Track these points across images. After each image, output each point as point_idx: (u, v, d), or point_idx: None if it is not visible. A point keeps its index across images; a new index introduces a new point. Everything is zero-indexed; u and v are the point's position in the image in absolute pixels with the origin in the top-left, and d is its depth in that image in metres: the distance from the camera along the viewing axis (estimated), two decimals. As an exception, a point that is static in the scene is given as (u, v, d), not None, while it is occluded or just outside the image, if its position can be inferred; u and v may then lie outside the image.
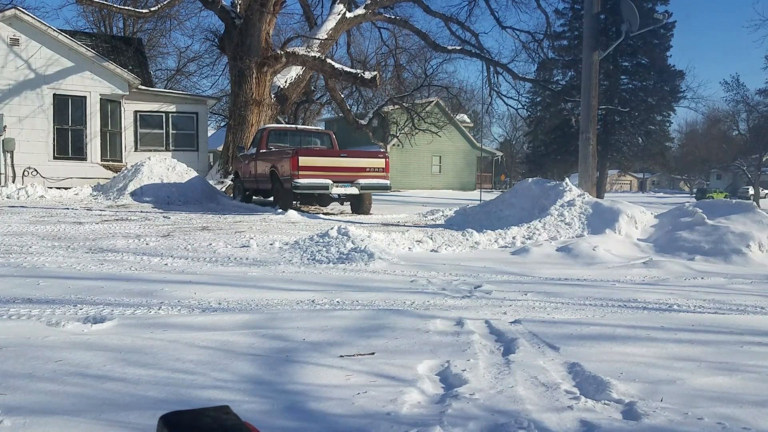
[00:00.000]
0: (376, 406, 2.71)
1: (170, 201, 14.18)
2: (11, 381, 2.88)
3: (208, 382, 2.97)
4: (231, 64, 18.91)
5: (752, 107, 43.30)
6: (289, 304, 4.77)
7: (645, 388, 3.04)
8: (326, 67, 18.90)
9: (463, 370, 3.20)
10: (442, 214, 13.42)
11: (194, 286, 5.35)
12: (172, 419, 0.78)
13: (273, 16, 18.55)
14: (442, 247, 8.35)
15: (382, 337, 3.80)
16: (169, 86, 32.65)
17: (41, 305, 4.38)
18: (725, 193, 46.44)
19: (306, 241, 7.84)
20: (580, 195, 10.31)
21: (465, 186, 38.47)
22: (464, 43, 23.10)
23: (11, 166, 16.57)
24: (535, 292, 5.61)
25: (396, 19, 22.44)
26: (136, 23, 30.59)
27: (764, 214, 9.07)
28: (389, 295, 5.22)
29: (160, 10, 20.12)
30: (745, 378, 3.27)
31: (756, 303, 5.42)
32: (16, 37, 16.69)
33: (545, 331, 4.09)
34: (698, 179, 64.42)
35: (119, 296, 4.83)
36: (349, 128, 26.79)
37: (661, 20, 17.33)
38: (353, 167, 13.13)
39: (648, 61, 31.59)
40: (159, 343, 3.54)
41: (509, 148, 60.77)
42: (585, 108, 13.31)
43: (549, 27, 23.52)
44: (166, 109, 19.95)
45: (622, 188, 75.84)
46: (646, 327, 4.33)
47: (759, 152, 43.56)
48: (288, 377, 3.08)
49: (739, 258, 7.94)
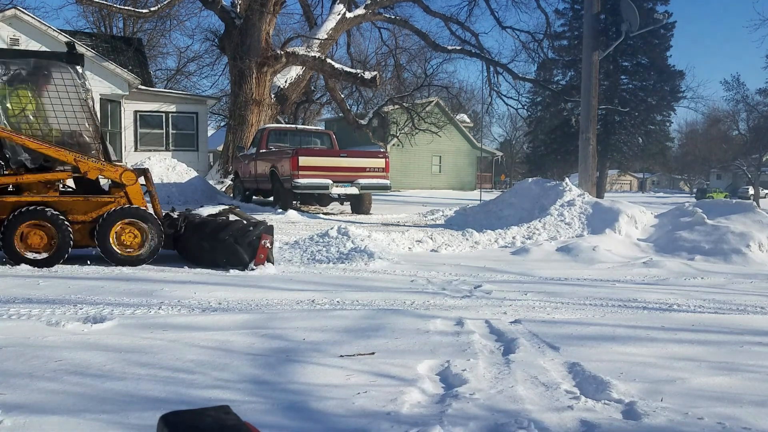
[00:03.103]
0: (377, 405, 2.71)
1: (170, 201, 14.17)
2: (11, 380, 2.88)
3: (208, 382, 2.97)
4: (231, 64, 18.91)
5: (752, 107, 43.30)
6: (289, 304, 4.77)
7: (645, 387, 3.04)
8: (326, 67, 18.91)
9: (464, 369, 3.20)
10: (442, 214, 13.42)
11: (194, 286, 5.35)
12: (172, 419, 0.78)
13: (273, 16, 18.55)
14: (442, 247, 8.35)
15: (382, 337, 3.80)
16: (169, 86, 32.66)
17: (41, 305, 4.38)
18: (725, 193, 46.44)
19: (306, 241, 7.84)
20: (580, 195, 10.31)
21: (465, 186, 38.48)
22: (464, 43, 23.08)
23: (11, 166, 16.61)
24: (535, 292, 5.61)
25: (396, 19, 22.43)
26: (136, 23, 30.60)
27: (764, 214, 9.07)
28: (389, 295, 5.22)
29: (160, 10, 20.12)
30: (745, 378, 3.27)
31: (756, 303, 5.42)
32: (16, 37, 16.69)
33: (545, 330, 4.09)
34: (698, 179, 64.43)
35: (119, 296, 4.83)
36: (349, 128, 26.79)
37: (661, 20, 17.33)
38: (353, 167, 13.13)
39: (648, 61, 31.58)
40: (159, 343, 3.54)
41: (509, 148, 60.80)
42: (585, 108, 13.31)
43: (549, 27, 23.50)
44: (166, 109, 19.95)
45: (622, 188, 75.86)
46: (647, 327, 4.33)
47: (759, 152, 43.55)
48: (288, 377, 3.08)
49: (739, 258, 7.94)
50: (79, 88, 6.13)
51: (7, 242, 5.66)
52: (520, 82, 24.13)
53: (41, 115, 5.98)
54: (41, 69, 6.03)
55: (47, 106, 6.00)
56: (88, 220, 6.02)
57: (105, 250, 6.00)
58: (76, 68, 6.18)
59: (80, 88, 6.13)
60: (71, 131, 6.04)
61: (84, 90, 6.16)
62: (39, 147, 5.78)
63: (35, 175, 5.90)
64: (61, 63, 6.13)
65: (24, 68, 5.95)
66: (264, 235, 6.03)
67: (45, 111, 6.00)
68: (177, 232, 6.34)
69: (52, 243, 5.80)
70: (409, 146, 30.68)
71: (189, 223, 6.41)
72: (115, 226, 5.97)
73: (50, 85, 6.02)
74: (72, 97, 6.07)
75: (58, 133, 6.00)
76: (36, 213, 5.68)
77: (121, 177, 6.06)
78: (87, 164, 5.92)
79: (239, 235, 5.99)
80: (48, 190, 6.02)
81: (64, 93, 6.05)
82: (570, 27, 32.87)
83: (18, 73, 5.90)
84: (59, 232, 5.76)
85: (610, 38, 24.46)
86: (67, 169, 6.00)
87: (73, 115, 6.06)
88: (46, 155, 5.84)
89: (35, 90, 6.02)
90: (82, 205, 6.02)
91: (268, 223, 6.44)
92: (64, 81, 6.05)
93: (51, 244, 5.80)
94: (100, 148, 6.26)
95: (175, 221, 6.44)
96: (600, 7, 13.81)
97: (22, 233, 5.69)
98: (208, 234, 6.16)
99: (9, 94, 5.87)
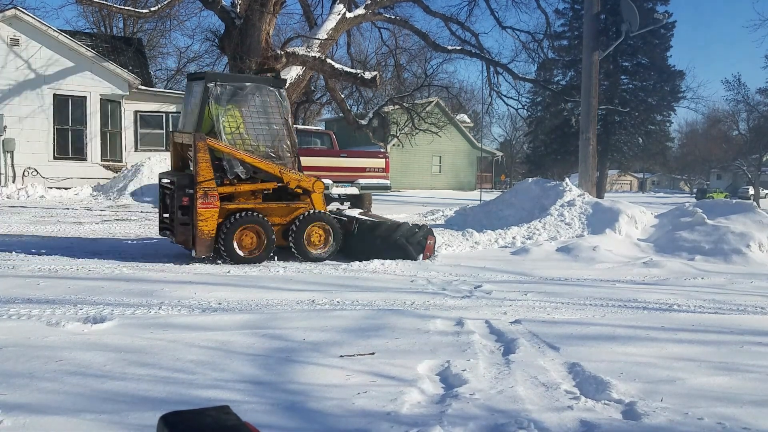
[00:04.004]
0: (377, 405, 2.71)
1: (170, 201, 14.18)
2: (11, 380, 2.88)
3: (208, 382, 2.97)
4: (231, 64, 18.85)
5: (752, 107, 43.27)
6: (289, 304, 4.77)
7: (645, 387, 3.04)
8: (326, 67, 18.88)
9: (463, 370, 3.20)
10: (442, 214, 13.42)
11: (194, 286, 5.34)
12: (173, 419, 0.78)
13: (273, 16, 18.52)
14: (442, 247, 8.34)
15: (382, 337, 3.80)
16: (169, 86, 32.62)
17: (41, 305, 4.38)
18: (725, 193, 46.37)
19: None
20: (580, 195, 10.31)
21: (465, 186, 38.45)
22: (464, 43, 23.03)
23: (11, 166, 16.56)
24: (535, 292, 5.61)
25: (396, 19, 22.40)
26: (136, 23, 30.58)
27: (764, 214, 9.07)
28: (389, 295, 5.22)
29: (160, 10, 20.08)
30: (745, 378, 3.27)
31: (756, 303, 5.43)
32: (17, 37, 16.68)
33: (545, 331, 4.09)
34: (698, 179, 64.39)
35: (119, 296, 4.82)
36: (349, 128, 26.77)
37: (661, 20, 17.33)
38: (353, 167, 13.14)
39: (648, 61, 31.55)
40: (159, 343, 3.54)
41: (509, 148, 60.75)
42: (585, 108, 13.31)
43: (549, 27, 23.44)
44: (166, 109, 19.92)
45: (622, 188, 75.80)
46: (647, 327, 4.34)
47: (759, 152, 43.53)
48: (288, 377, 3.08)
49: (739, 258, 7.94)
50: (281, 108, 6.94)
51: (228, 244, 6.43)
52: (520, 82, 24.07)
53: (251, 132, 6.74)
54: (251, 91, 6.81)
55: (255, 124, 6.79)
56: (284, 223, 6.87)
57: (299, 249, 6.81)
58: (280, 91, 7.03)
59: (282, 108, 6.94)
60: (274, 146, 6.85)
61: (285, 110, 6.97)
62: (252, 161, 6.59)
63: (248, 185, 6.72)
64: (268, 86, 6.93)
65: (238, 90, 6.70)
66: (429, 236, 7.29)
67: (254, 128, 6.77)
68: (350, 233, 7.15)
69: (261, 243, 6.61)
70: (409, 146, 30.66)
71: (361, 225, 7.28)
72: (308, 228, 6.83)
73: (258, 105, 6.83)
74: (276, 115, 6.90)
75: (264, 147, 6.78)
76: (251, 218, 6.52)
77: (313, 186, 6.96)
78: (288, 175, 6.80)
79: (409, 236, 7.14)
80: (254, 198, 6.83)
81: (270, 112, 6.88)
82: (570, 27, 32.85)
83: (232, 94, 6.65)
84: (266, 233, 6.60)
85: (610, 38, 24.44)
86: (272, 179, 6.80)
87: (275, 131, 6.90)
88: (256, 167, 6.64)
89: (246, 109, 6.77)
90: (282, 211, 6.89)
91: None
92: (269, 102, 6.87)
93: (260, 244, 6.61)
94: (295, 160, 7.02)
95: (347, 223, 7.26)
96: (600, 7, 13.81)
97: (238, 236, 6.50)
98: (381, 235, 7.11)
99: (224, 114, 6.56)
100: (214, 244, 6.41)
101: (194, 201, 6.25)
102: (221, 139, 6.47)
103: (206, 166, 6.29)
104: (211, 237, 6.35)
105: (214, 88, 6.55)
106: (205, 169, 6.28)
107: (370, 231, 7.20)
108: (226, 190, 6.53)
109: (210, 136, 6.44)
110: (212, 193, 6.30)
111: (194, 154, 6.34)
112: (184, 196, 6.34)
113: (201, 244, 6.32)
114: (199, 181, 6.25)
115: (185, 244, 6.50)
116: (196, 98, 6.83)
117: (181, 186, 6.38)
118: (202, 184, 6.25)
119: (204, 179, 6.26)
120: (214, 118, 6.55)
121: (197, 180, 6.26)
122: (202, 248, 6.34)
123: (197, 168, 6.29)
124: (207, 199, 6.26)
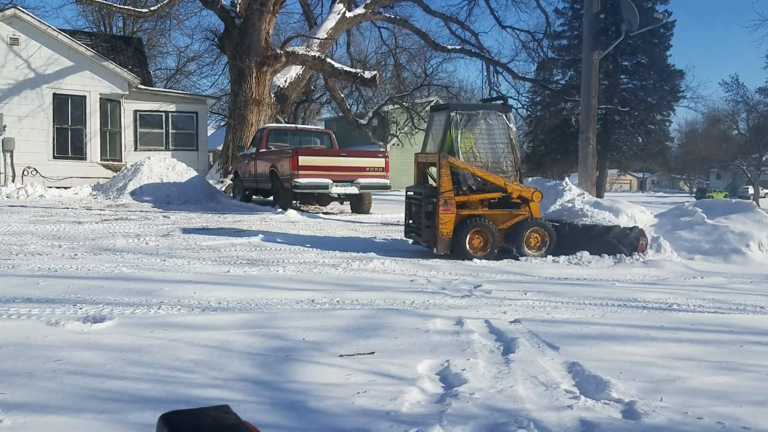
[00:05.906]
0: (376, 405, 2.71)
1: (170, 200, 14.17)
2: (11, 380, 2.88)
3: (208, 382, 2.97)
4: (231, 64, 18.90)
5: (752, 107, 43.31)
6: (289, 304, 4.77)
7: (645, 387, 3.04)
8: (326, 66, 18.90)
9: (463, 369, 3.20)
10: (442, 213, 13.40)
11: (194, 285, 5.34)
12: (172, 419, 0.78)
13: (273, 16, 18.54)
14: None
15: (381, 337, 3.80)
16: (169, 86, 32.62)
17: (41, 305, 4.37)
18: (725, 193, 46.38)
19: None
20: (580, 194, 10.32)
21: (465, 185, 38.42)
22: (464, 43, 23.07)
23: (11, 166, 16.55)
24: (535, 292, 5.61)
25: (396, 18, 22.42)
26: (135, 23, 30.57)
27: (764, 214, 9.07)
28: (389, 295, 5.22)
29: (159, 10, 20.11)
30: (745, 377, 3.27)
31: (756, 302, 5.43)
32: (16, 37, 16.66)
33: (545, 330, 4.09)
34: (698, 179, 64.42)
35: (119, 296, 4.82)
36: (349, 128, 26.80)
37: (661, 20, 17.32)
38: (353, 167, 13.12)
39: (648, 60, 31.55)
40: (159, 343, 3.54)
41: (509, 147, 60.69)
42: (585, 107, 13.31)
43: (549, 26, 23.51)
44: (166, 109, 19.92)
45: (621, 188, 75.82)
46: (646, 326, 4.34)
47: (759, 152, 43.56)
48: (288, 376, 3.08)
49: (738, 257, 7.94)
50: (507, 130, 7.96)
51: (462, 243, 7.49)
52: (519, 81, 24.13)
53: (481, 150, 7.90)
54: (483, 116, 7.92)
55: (485, 143, 7.93)
56: (505, 227, 7.80)
57: (519, 250, 7.71)
58: (508, 115, 8.07)
59: (509, 130, 7.96)
60: (499, 161, 7.94)
61: (510, 131, 7.97)
62: (483, 174, 7.74)
63: (478, 195, 7.84)
64: (496, 111, 7.99)
65: (473, 116, 7.87)
66: (642, 237, 8.00)
67: (484, 147, 7.91)
68: (563, 235, 8.01)
69: (487, 244, 7.63)
70: (409, 146, 30.60)
71: (572, 228, 8.12)
72: (527, 232, 7.75)
73: (488, 127, 7.92)
74: (502, 136, 7.96)
75: (492, 163, 7.90)
76: (480, 222, 7.57)
77: (532, 195, 7.85)
78: (511, 186, 7.80)
79: (621, 238, 7.89)
80: (483, 206, 7.86)
81: (497, 133, 7.95)
82: (570, 26, 32.86)
83: (468, 119, 7.84)
84: (492, 236, 7.61)
85: (609, 38, 24.42)
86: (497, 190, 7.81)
87: (501, 149, 7.98)
88: (485, 180, 7.76)
89: (478, 131, 7.91)
90: (504, 217, 7.84)
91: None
92: (498, 124, 7.94)
93: (486, 244, 7.64)
94: (517, 173, 8.02)
95: (560, 228, 8.08)
96: (600, 7, 13.81)
97: (469, 237, 7.54)
98: (594, 237, 7.91)
99: (461, 136, 7.77)
100: (451, 243, 7.52)
101: (437, 208, 7.47)
102: (458, 157, 7.67)
103: (447, 179, 7.52)
104: (449, 237, 7.52)
105: (455, 115, 7.81)
106: (446, 182, 7.51)
107: (583, 233, 8.04)
108: (460, 199, 7.67)
109: (449, 155, 7.62)
110: (451, 201, 7.51)
111: (438, 170, 7.59)
112: (429, 204, 7.60)
113: (441, 243, 7.50)
114: (441, 192, 7.48)
115: (429, 243, 7.69)
116: (439, 125, 8.10)
117: (427, 196, 7.70)
118: (443, 194, 7.48)
119: (445, 190, 7.50)
120: (453, 140, 7.76)
121: (440, 191, 7.49)
122: (442, 246, 7.51)
123: (440, 181, 7.52)
124: (447, 206, 7.48)
